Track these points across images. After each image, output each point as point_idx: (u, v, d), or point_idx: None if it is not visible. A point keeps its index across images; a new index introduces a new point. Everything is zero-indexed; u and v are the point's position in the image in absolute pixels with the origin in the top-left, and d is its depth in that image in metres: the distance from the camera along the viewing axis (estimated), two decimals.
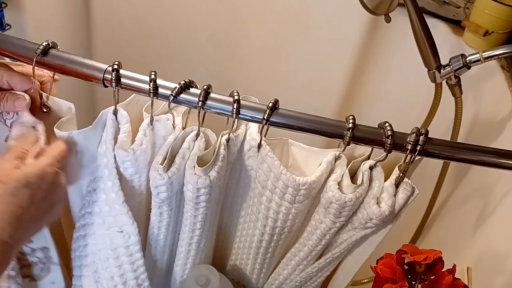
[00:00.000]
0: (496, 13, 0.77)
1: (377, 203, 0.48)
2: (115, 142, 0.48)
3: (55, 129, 0.47)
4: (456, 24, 0.91)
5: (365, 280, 0.86)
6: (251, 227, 0.60)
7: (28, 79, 0.47)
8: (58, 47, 0.48)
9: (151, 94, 0.45)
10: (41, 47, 0.46)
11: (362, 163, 0.49)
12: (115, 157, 0.48)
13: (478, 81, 0.78)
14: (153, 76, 0.45)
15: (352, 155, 0.51)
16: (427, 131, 0.45)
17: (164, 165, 0.47)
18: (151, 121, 0.49)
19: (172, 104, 0.49)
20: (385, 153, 0.47)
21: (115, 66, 0.46)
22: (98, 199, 0.52)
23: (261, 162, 0.50)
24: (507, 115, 0.67)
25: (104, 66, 0.46)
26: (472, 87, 0.78)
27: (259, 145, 0.49)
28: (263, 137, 0.48)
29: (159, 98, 0.46)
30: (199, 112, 0.46)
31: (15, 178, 0.41)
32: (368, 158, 0.49)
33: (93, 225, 0.54)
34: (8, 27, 1.01)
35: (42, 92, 0.49)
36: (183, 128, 0.50)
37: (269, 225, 0.56)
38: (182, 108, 0.50)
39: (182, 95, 0.46)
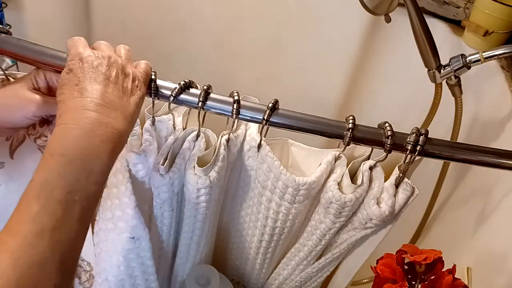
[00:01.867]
0: (496, 13, 0.77)
1: (377, 203, 0.48)
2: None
3: None
4: (456, 24, 0.91)
5: (365, 280, 0.86)
6: (251, 227, 0.60)
7: None
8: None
9: (152, 94, 0.45)
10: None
11: (362, 163, 0.49)
12: (127, 161, 0.48)
13: (478, 81, 0.78)
14: (153, 77, 0.45)
15: (352, 155, 0.51)
16: (427, 131, 0.45)
17: (165, 165, 0.47)
18: (153, 122, 0.49)
19: (173, 105, 0.49)
20: (385, 153, 0.47)
21: None
22: (112, 205, 0.52)
23: (261, 162, 0.50)
24: (507, 115, 0.67)
25: None
26: (472, 87, 0.78)
27: (259, 145, 0.49)
28: (263, 137, 0.48)
29: (159, 98, 0.46)
30: (199, 113, 0.46)
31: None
32: (368, 158, 0.49)
33: (105, 231, 0.54)
34: (8, 27, 1.01)
35: None
36: (184, 129, 0.50)
37: (269, 225, 0.56)
38: (183, 109, 0.50)
39: (182, 96, 0.46)
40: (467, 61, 0.65)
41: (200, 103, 0.45)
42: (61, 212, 0.32)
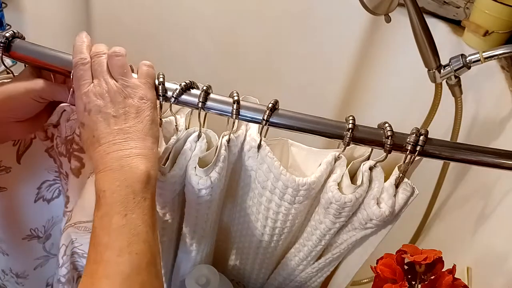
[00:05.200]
0: (496, 13, 0.77)
1: (377, 203, 0.48)
2: None
3: None
4: (456, 24, 0.91)
5: (365, 280, 0.86)
6: (251, 227, 0.60)
7: None
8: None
9: (160, 97, 0.45)
10: None
11: (362, 164, 0.49)
12: None
13: (478, 81, 0.78)
14: (161, 79, 0.45)
15: (352, 155, 0.51)
16: (427, 131, 0.45)
17: (166, 166, 0.47)
18: (160, 124, 0.49)
19: (179, 106, 0.49)
20: (385, 154, 0.47)
21: None
22: None
23: (261, 162, 0.50)
24: (507, 115, 0.67)
25: None
26: (472, 87, 0.78)
27: (259, 146, 0.49)
28: (263, 138, 0.48)
29: (163, 100, 0.46)
30: (199, 113, 0.46)
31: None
32: (368, 158, 0.50)
33: None
34: (8, 27, 1.01)
35: None
36: (186, 129, 0.50)
37: (268, 226, 0.56)
38: (187, 109, 0.50)
39: (182, 96, 0.46)
40: (467, 61, 0.65)
41: (200, 103, 0.45)
42: (127, 230, 0.38)
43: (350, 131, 0.45)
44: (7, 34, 0.45)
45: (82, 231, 0.52)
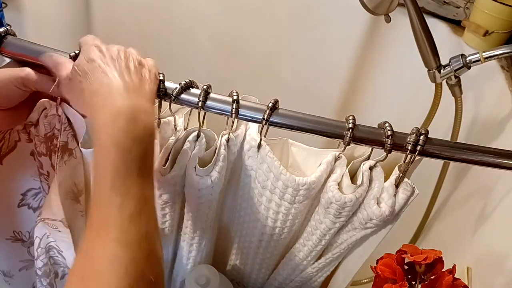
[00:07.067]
0: (496, 13, 0.77)
1: (377, 203, 0.48)
2: None
3: (81, 148, 0.47)
4: (456, 24, 0.91)
5: (365, 280, 0.86)
6: (251, 227, 0.60)
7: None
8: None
9: (160, 95, 0.45)
10: None
11: (362, 164, 0.49)
12: None
13: (478, 81, 0.78)
14: (161, 77, 0.45)
15: (352, 155, 0.51)
16: (427, 131, 0.45)
17: (166, 166, 0.47)
18: (158, 124, 0.49)
19: (179, 106, 0.49)
20: (385, 153, 0.47)
21: None
22: None
23: (261, 162, 0.50)
24: (507, 115, 0.67)
25: None
26: (472, 87, 0.78)
27: (259, 145, 0.49)
28: (263, 137, 0.48)
29: (164, 99, 0.46)
30: (199, 113, 0.46)
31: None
32: (368, 158, 0.49)
33: None
34: (8, 27, 1.01)
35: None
36: (185, 129, 0.50)
37: (268, 225, 0.56)
38: (187, 109, 0.50)
39: (182, 95, 0.46)
40: (467, 61, 0.65)
41: (200, 102, 0.45)
42: (140, 193, 0.36)
43: (350, 130, 0.45)
44: (0, 30, 0.45)
45: (51, 227, 0.52)
